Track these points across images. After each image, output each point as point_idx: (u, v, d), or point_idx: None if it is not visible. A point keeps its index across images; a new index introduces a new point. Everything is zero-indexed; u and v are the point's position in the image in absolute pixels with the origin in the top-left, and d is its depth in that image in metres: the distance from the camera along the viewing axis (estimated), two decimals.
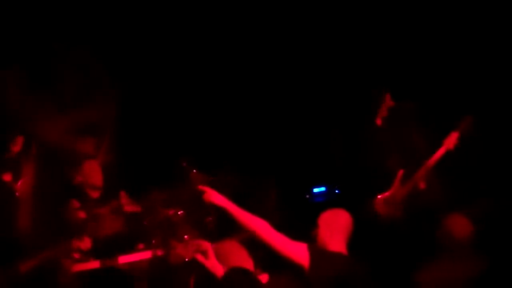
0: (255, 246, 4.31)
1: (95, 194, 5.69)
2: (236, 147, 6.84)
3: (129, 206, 5.70)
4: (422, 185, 5.77)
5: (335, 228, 4.56)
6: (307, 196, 6.85)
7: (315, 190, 6.86)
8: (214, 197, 4.13)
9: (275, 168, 6.66)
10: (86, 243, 5.20)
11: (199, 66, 7.02)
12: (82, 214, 5.36)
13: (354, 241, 4.74)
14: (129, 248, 5.32)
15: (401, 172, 5.85)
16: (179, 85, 6.94)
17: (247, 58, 7.09)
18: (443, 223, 4.53)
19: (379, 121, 6.07)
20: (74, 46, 6.42)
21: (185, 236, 5.33)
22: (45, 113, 5.92)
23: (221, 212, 5.48)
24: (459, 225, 4.47)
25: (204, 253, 4.37)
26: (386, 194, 5.88)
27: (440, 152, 5.75)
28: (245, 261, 4.23)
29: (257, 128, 7.02)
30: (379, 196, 5.88)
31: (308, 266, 4.30)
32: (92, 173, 5.70)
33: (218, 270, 4.26)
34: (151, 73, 6.83)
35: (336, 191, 6.80)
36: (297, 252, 4.26)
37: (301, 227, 4.77)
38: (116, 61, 6.52)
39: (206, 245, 4.33)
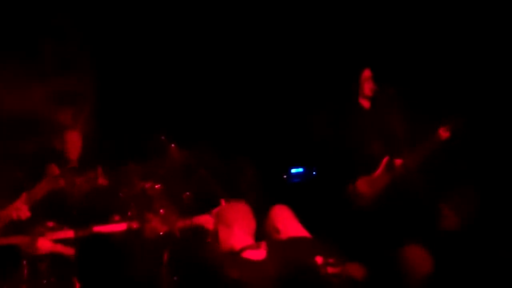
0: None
1: (72, 164, 5.69)
2: (213, 124, 6.82)
3: (103, 180, 5.72)
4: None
5: (288, 218, 4.61)
6: (285, 176, 6.86)
7: (293, 170, 6.88)
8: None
9: (253, 147, 6.65)
10: (24, 212, 5.12)
11: (180, 44, 6.97)
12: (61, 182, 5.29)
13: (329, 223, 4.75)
14: (104, 219, 5.31)
15: (386, 158, 5.86)
16: (160, 60, 6.89)
17: (227, 37, 7.04)
18: (401, 253, 3.84)
19: (366, 103, 6.07)
20: (54, 14, 6.36)
21: (161, 210, 5.34)
22: (23, 82, 5.89)
23: (198, 188, 5.49)
24: (419, 258, 3.81)
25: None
26: (369, 177, 5.89)
27: (436, 140, 5.76)
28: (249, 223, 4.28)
29: (235, 105, 6.99)
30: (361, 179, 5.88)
31: (270, 260, 4.39)
32: (72, 143, 5.73)
33: None
34: (132, 46, 6.77)
35: (314, 173, 6.81)
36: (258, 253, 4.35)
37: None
38: (96, 30, 6.47)
39: None
